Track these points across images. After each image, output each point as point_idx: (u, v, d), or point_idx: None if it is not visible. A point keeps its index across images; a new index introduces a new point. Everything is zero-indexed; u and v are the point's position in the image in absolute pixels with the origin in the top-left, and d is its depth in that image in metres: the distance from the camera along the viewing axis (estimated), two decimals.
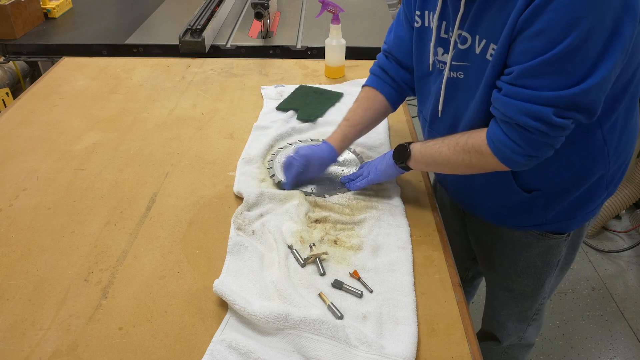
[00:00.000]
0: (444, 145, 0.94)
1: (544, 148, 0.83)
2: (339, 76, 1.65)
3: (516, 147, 0.83)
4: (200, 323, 0.83)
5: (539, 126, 0.79)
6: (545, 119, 0.78)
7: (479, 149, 0.89)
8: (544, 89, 0.77)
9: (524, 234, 1.07)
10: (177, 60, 1.77)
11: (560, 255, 1.10)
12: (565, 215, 1.02)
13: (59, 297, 0.88)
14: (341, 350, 0.76)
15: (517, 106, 0.80)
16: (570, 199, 0.99)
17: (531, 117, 0.79)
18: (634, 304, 2.07)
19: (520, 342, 1.32)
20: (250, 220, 1.02)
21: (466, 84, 0.93)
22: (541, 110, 0.78)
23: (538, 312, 1.23)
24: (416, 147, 1.00)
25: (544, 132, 0.80)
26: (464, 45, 0.90)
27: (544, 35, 0.75)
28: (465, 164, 0.92)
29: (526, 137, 0.82)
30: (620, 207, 2.35)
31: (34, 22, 2.00)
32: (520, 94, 0.80)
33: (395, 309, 0.85)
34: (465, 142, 0.91)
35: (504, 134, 0.84)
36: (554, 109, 0.78)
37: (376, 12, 2.20)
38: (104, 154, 1.26)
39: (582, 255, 2.32)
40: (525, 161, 0.85)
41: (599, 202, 1.04)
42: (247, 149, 1.26)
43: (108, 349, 0.79)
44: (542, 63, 0.76)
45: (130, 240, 1.00)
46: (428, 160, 0.99)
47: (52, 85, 1.59)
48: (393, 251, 0.96)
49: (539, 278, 1.13)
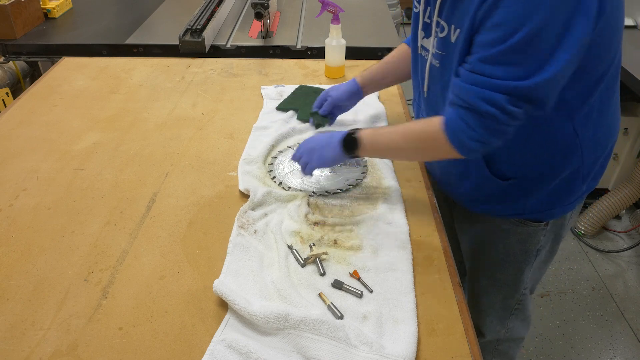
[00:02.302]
0: (397, 134, 0.98)
1: (496, 135, 0.87)
2: (339, 76, 1.65)
3: (470, 132, 0.87)
4: (200, 323, 0.83)
5: (494, 111, 0.83)
6: (499, 105, 0.82)
7: (433, 134, 0.92)
8: (499, 78, 0.82)
9: (504, 221, 1.10)
10: (177, 60, 1.77)
11: (538, 244, 1.12)
12: (543, 205, 1.05)
13: (59, 297, 0.88)
14: (341, 350, 0.76)
15: (474, 91, 0.84)
16: (547, 189, 1.02)
17: (487, 101, 0.83)
18: (634, 304, 2.07)
19: (508, 336, 1.32)
20: (254, 219, 1.02)
21: (441, 73, 0.98)
22: (496, 97, 0.82)
23: (520, 302, 1.24)
24: (366, 137, 1.02)
25: (497, 118, 0.83)
26: (442, 33, 0.94)
27: (500, 28, 0.80)
28: (418, 150, 0.97)
29: (481, 122, 0.85)
30: (620, 207, 2.35)
31: (34, 22, 2.00)
32: (478, 80, 0.84)
33: (395, 308, 0.85)
34: (420, 128, 0.95)
35: (460, 118, 0.88)
36: (508, 97, 0.82)
37: (376, 12, 2.20)
38: (104, 154, 1.26)
39: (582, 255, 2.32)
40: (477, 147, 0.88)
41: (578, 196, 1.06)
42: (248, 149, 1.26)
43: (108, 349, 0.79)
44: (498, 53, 0.81)
45: (130, 240, 1.00)
46: (379, 148, 1.02)
47: (52, 85, 1.59)
48: (393, 251, 0.96)
49: (519, 267, 1.16)
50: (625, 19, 2.28)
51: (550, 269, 2.25)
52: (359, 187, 1.13)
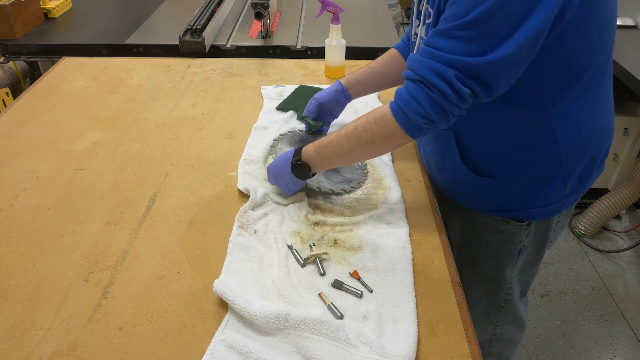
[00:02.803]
0: (342, 136, 0.97)
1: (441, 113, 0.86)
2: (339, 76, 1.65)
3: (416, 105, 0.86)
4: (200, 323, 0.83)
5: (441, 84, 0.83)
6: (447, 78, 0.82)
7: (380, 119, 0.92)
8: (449, 52, 0.82)
9: (488, 219, 1.10)
10: (177, 60, 1.77)
11: (521, 243, 1.12)
12: (520, 202, 1.04)
13: (59, 297, 0.88)
14: (341, 350, 0.76)
15: (424, 62, 0.85)
16: (522, 185, 1.02)
17: (435, 73, 0.83)
18: (634, 304, 2.07)
19: (499, 337, 1.32)
20: (254, 219, 1.02)
21: None
22: (445, 70, 0.82)
23: (506, 301, 1.24)
24: (312, 156, 1.01)
25: (445, 94, 0.83)
26: (429, 19, 0.94)
27: (458, 4, 0.81)
28: (367, 144, 0.95)
29: (428, 96, 0.85)
30: (620, 207, 2.35)
31: (34, 22, 2.00)
32: (429, 53, 0.84)
33: (395, 308, 0.85)
34: (364, 119, 0.95)
35: (407, 91, 0.88)
36: (457, 72, 0.81)
37: (376, 12, 2.20)
38: (104, 154, 1.26)
39: (582, 255, 2.32)
40: (422, 123, 0.87)
41: (561, 198, 1.04)
42: (248, 150, 1.26)
43: (108, 349, 0.79)
44: (452, 27, 0.81)
45: (130, 240, 1.00)
46: (330, 159, 1.01)
47: (52, 85, 1.59)
48: (393, 251, 0.96)
49: (500, 264, 1.16)
50: (625, 19, 2.27)
51: (550, 269, 2.25)
52: (359, 187, 1.13)
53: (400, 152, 1.27)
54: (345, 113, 1.32)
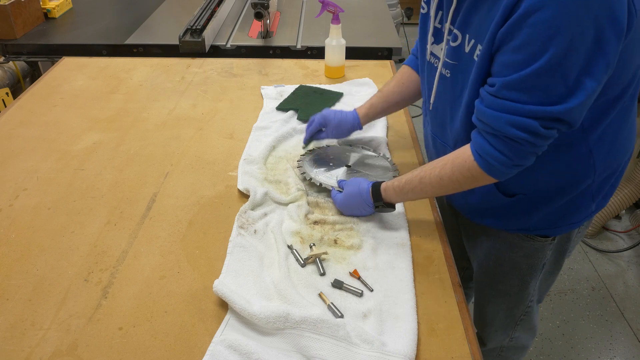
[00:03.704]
0: (427, 185, 0.94)
1: (530, 157, 0.84)
2: (339, 76, 1.65)
3: (503, 159, 0.84)
4: (200, 323, 0.83)
5: (527, 137, 0.80)
6: (532, 130, 0.79)
7: (467, 172, 0.89)
8: (527, 103, 0.78)
9: (510, 235, 1.07)
10: (177, 60, 1.77)
11: (545, 258, 1.10)
12: (549, 223, 1.02)
13: (59, 297, 0.88)
14: (342, 349, 0.76)
15: (504, 119, 0.80)
16: (555, 206, 0.99)
17: (519, 128, 0.80)
18: (634, 304, 2.07)
19: (512, 344, 1.31)
20: (254, 219, 1.02)
21: (452, 83, 0.94)
22: (527, 122, 0.79)
23: (526, 313, 1.23)
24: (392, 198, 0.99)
25: (531, 142, 0.81)
26: (454, 42, 0.90)
27: (524, 50, 0.75)
28: (454, 189, 0.93)
29: (514, 148, 0.82)
30: (620, 207, 2.35)
31: (34, 22, 2.00)
32: (505, 107, 0.80)
33: (395, 306, 0.85)
34: (450, 170, 0.91)
35: (491, 145, 0.84)
36: (540, 121, 0.78)
37: (376, 12, 2.20)
38: (104, 154, 1.26)
39: (582, 255, 2.32)
40: (512, 171, 0.86)
41: (587, 214, 1.03)
42: (248, 150, 1.26)
43: (108, 349, 0.79)
44: (524, 77, 0.76)
45: (130, 240, 1.00)
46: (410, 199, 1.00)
47: (52, 85, 1.59)
48: (392, 249, 0.96)
49: (524, 279, 1.14)
50: None
51: None
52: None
53: (401, 152, 1.27)
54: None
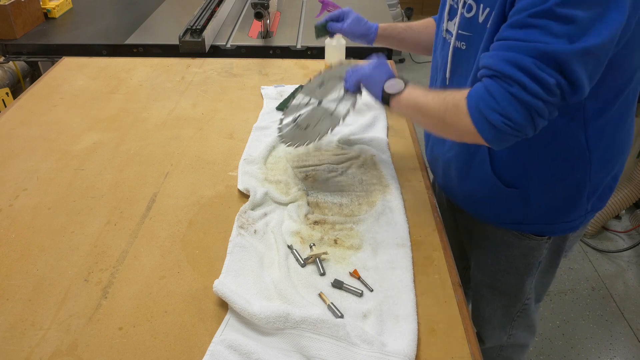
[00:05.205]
0: (430, 94, 0.91)
1: (522, 111, 0.77)
2: None
3: (491, 101, 0.78)
4: (200, 323, 0.83)
5: (520, 76, 0.75)
6: (527, 67, 0.74)
7: (457, 102, 0.84)
8: (527, 41, 0.75)
9: (507, 233, 1.08)
10: (177, 60, 1.77)
11: (541, 257, 1.10)
12: (544, 218, 1.02)
13: (59, 297, 0.88)
14: (342, 349, 0.76)
15: (499, 56, 0.78)
16: (548, 200, 0.99)
17: (512, 64, 0.76)
18: (634, 304, 2.07)
19: (510, 342, 1.32)
20: (254, 219, 1.02)
21: (467, 56, 0.93)
22: (522, 59, 0.75)
23: (522, 311, 1.23)
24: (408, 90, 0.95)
25: (523, 84, 0.75)
26: (469, 13, 0.89)
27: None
28: (439, 117, 0.88)
29: (504, 90, 0.77)
30: (620, 207, 2.35)
31: (34, 22, 2.00)
32: (505, 45, 0.78)
33: (395, 306, 0.85)
34: (448, 94, 0.87)
35: (484, 87, 0.80)
36: (536, 60, 0.74)
37: (376, 12, 2.20)
38: (104, 154, 1.26)
39: (582, 255, 2.32)
40: (498, 121, 0.78)
41: (581, 214, 1.03)
42: (248, 150, 1.26)
43: (108, 349, 0.79)
44: (529, 15, 0.74)
45: (130, 240, 1.00)
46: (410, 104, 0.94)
47: (52, 85, 1.59)
48: (392, 249, 0.96)
49: (520, 278, 1.15)
50: None
51: None
52: (359, 186, 1.13)
53: (401, 152, 1.27)
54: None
